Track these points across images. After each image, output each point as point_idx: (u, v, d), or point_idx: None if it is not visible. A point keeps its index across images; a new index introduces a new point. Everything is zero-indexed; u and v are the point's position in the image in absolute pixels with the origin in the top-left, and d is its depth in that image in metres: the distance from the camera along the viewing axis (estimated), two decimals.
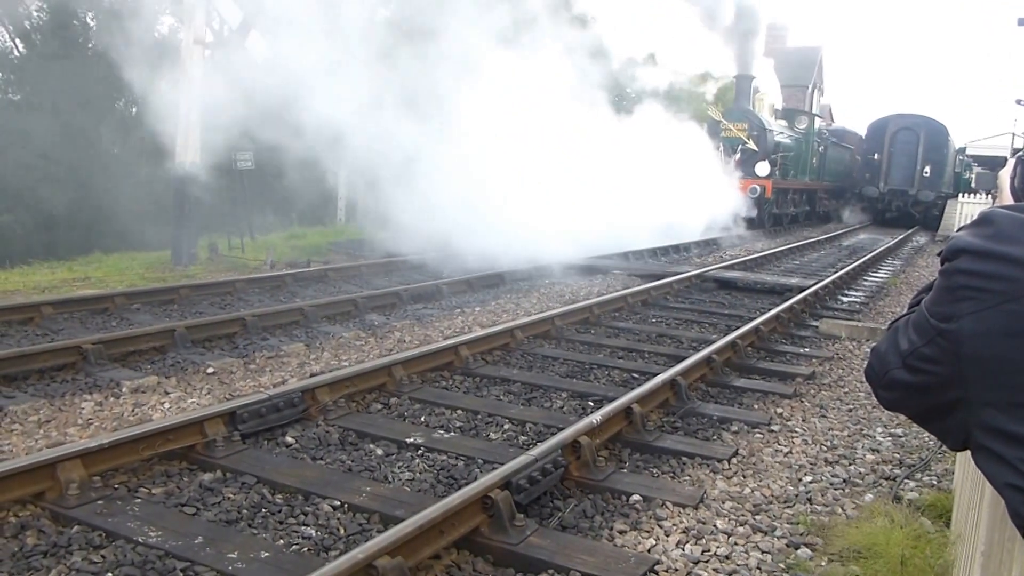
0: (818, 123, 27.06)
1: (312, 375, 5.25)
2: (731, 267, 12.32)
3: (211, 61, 11.55)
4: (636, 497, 3.79)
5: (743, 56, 21.91)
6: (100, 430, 4.24)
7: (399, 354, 5.46)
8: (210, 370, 5.45)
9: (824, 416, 5.34)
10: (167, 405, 4.71)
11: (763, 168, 20.78)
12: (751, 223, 20.11)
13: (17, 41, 20.26)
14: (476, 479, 3.75)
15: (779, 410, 5.36)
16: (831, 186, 29.13)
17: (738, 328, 7.27)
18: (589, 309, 7.82)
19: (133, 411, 4.60)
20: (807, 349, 7.24)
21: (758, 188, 20.20)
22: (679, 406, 5.15)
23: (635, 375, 5.95)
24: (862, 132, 32.52)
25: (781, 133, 23.21)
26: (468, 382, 5.52)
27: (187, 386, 5.13)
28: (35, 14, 20.22)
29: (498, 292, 9.23)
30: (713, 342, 6.72)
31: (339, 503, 3.55)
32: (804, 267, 14.04)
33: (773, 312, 8.05)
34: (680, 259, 14.03)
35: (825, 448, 4.71)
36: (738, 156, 20.84)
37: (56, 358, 5.23)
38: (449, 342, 5.84)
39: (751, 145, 20.99)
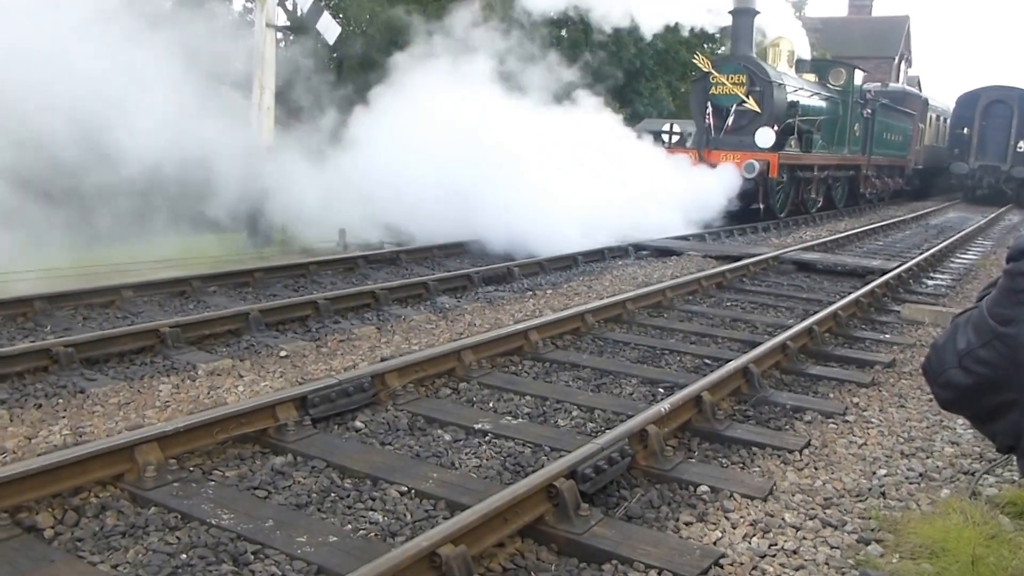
0: (861, 78, 20.37)
1: (382, 359, 5.32)
2: (810, 248, 11.96)
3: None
4: (704, 488, 3.73)
5: None
6: (177, 413, 4.39)
7: (469, 339, 5.49)
8: (283, 353, 5.58)
9: (903, 406, 5.14)
10: (241, 388, 4.84)
11: (766, 136, 15.12)
12: (746, 215, 14.78)
13: None
14: (542, 467, 3.75)
15: (855, 399, 5.19)
16: (883, 162, 22.83)
17: (815, 313, 7.06)
18: (662, 292, 7.71)
19: (208, 394, 4.75)
20: (887, 335, 6.98)
21: (756, 165, 14.47)
22: (751, 394, 5.03)
23: (707, 361, 5.84)
24: (950, 105, 30.05)
25: (801, 90, 17.19)
26: (537, 367, 5.51)
27: (260, 369, 5.27)
28: None
29: (570, 274, 9.19)
30: (789, 327, 6.54)
31: (406, 489, 3.59)
32: (888, 248, 13.54)
33: (853, 296, 7.78)
34: (758, 239, 13.69)
35: (902, 440, 4.54)
36: (730, 121, 15.62)
37: (135, 341, 5.44)
38: (519, 326, 5.84)
39: (751, 104, 15.51)
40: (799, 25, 20.86)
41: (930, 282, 10.13)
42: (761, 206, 15.01)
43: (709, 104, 15.86)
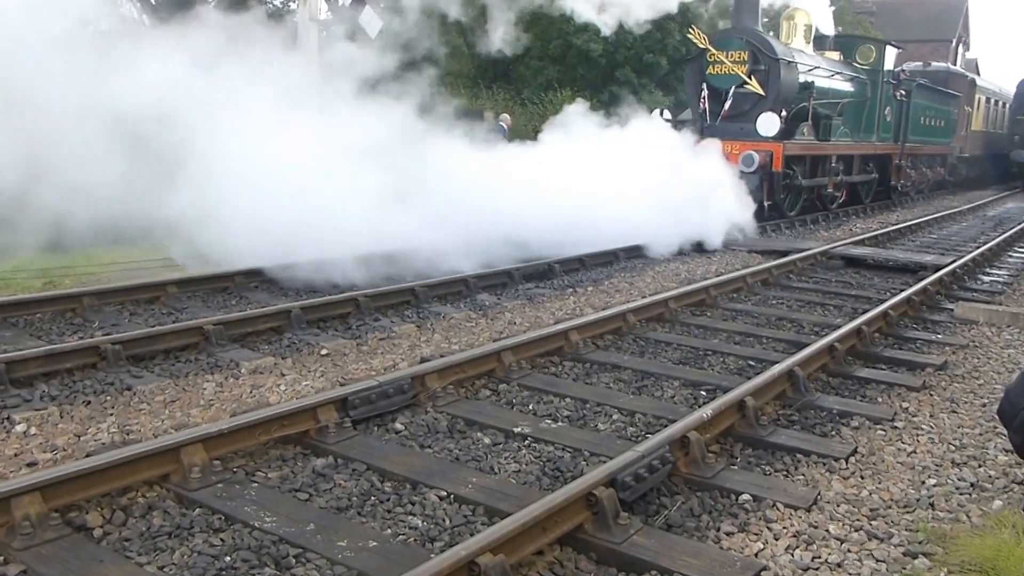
0: (893, 56, 17.83)
1: (422, 360, 5.34)
2: (860, 242, 11.71)
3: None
4: (746, 496, 3.67)
5: None
6: (220, 412, 4.46)
7: (508, 339, 5.47)
8: (324, 352, 5.64)
9: (954, 411, 4.99)
10: (283, 387, 4.90)
11: (769, 123, 12.95)
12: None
13: (144, 16, 21.53)
14: (582, 474, 3.73)
15: (905, 404, 5.06)
16: (921, 149, 20.37)
17: (865, 312, 6.91)
18: (705, 290, 7.61)
19: (251, 393, 4.82)
20: (940, 335, 6.80)
21: (755, 157, 12.38)
22: (796, 398, 4.94)
23: (751, 363, 5.75)
24: (1003, 86, 28.00)
25: (818, 69, 14.94)
26: (578, 368, 5.49)
27: (302, 368, 5.33)
28: None
29: (611, 271, 9.12)
30: (836, 327, 6.41)
31: (445, 493, 3.60)
32: (942, 241, 13.17)
33: (904, 295, 7.60)
34: (806, 233, 13.44)
35: (953, 448, 4.41)
36: (727, 105, 13.53)
37: (180, 338, 5.54)
38: (559, 327, 5.81)
39: (753, 86, 13.43)
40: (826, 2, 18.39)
41: (986, 278, 9.84)
42: (766, 204, 13.04)
43: (704, 86, 13.84)
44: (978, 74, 37.49)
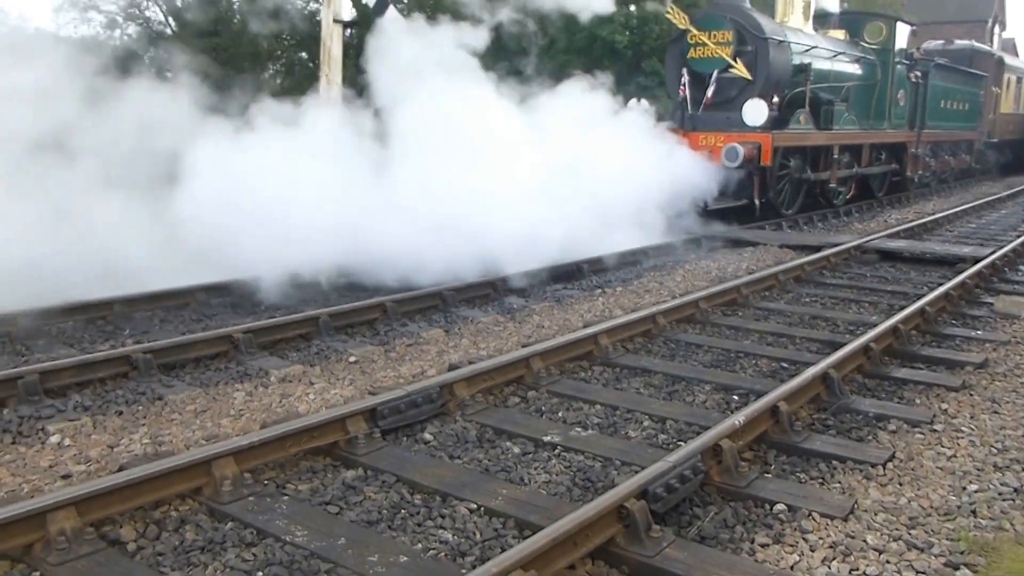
0: (906, 33, 16.05)
1: (450, 367, 5.32)
2: (896, 235, 11.49)
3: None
4: (780, 506, 3.60)
5: None
6: (250, 422, 4.47)
7: (537, 345, 5.43)
8: (352, 359, 5.64)
9: (996, 412, 4.87)
10: (311, 396, 4.91)
11: (755, 111, 11.69)
12: (744, 212, 12.22)
13: (170, 19, 21.88)
14: (613, 484, 3.69)
15: (944, 405, 4.94)
16: (941, 136, 18.66)
17: (901, 309, 6.77)
18: (736, 289, 7.50)
19: (280, 402, 4.83)
20: (979, 332, 6.64)
21: (739, 150, 11.09)
22: (831, 402, 4.85)
23: (784, 364, 5.66)
24: None
25: (816, 49, 13.42)
26: (607, 373, 5.43)
27: (330, 376, 5.33)
28: None
29: (640, 270, 9.03)
30: (872, 325, 6.30)
31: (475, 506, 3.57)
32: (981, 231, 12.88)
33: (942, 289, 7.43)
34: (840, 225, 13.21)
35: (995, 451, 4.30)
36: (710, 92, 12.20)
37: (210, 347, 5.58)
38: (588, 331, 5.76)
39: (739, 70, 12.04)
40: None
41: None
42: (757, 202, 11.93)
43: (685, 71, 12.50)
44: (1016, 54, 36.31)
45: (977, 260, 9.10)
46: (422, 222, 7.71)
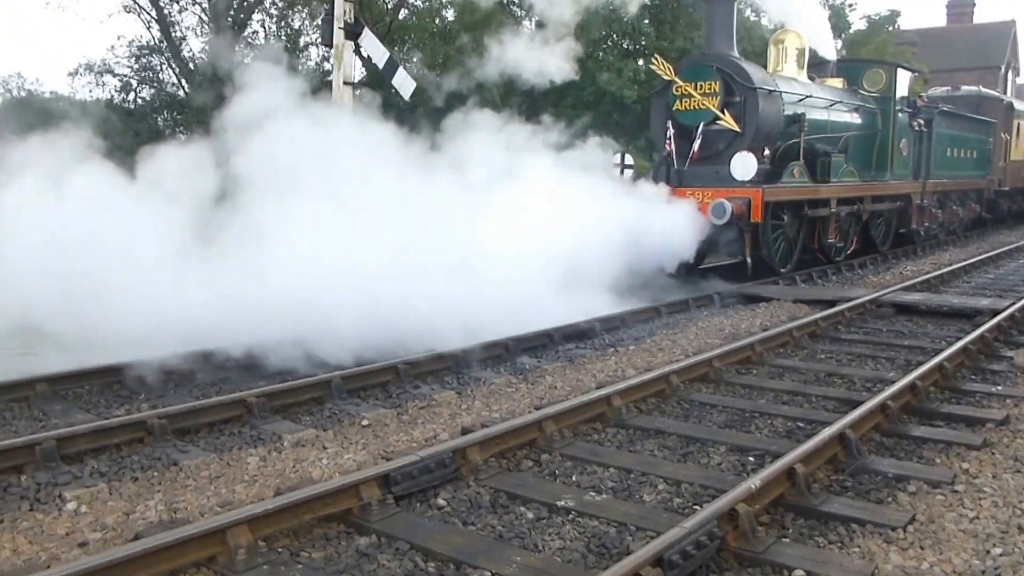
0: (907, 80, 15.60)
1: (463, 431, 5.30)
2: (911, 287, 11.43)
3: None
4: (799, 572, 3.54)
5: None
6: (264, 488, 4.46)
7: (550, 407, 5.41)
8: (365, 422, 5.64)
9: (1019, 471, 4.78)
10: (325, 461, 4.90)
11: (743, 165, 11.09)
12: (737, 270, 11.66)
13: (183, 81, 22.46)
14: (628, 550, 3.65)
15: (965, 464, 4.87)
16: (948, 186, 18.18)
17: (919, 365, 6.71)
18: (751, 347, 7.47)
19: (294, 467, 4.82)
20: (1000, 387, 6.56)
21: (726, 206, 10.53)
22: (849, 462, 4.78)
23: (800, 424, 5.61)
24: None
25: (810, 98, 12.92)
26: (621, 435, 5.40)
27: (343, 440, 5.33)
28: (198, 56, 22.37)
29: (653, 327, 9.01)
30: (889, 382, 6.25)
31: (490, 574, 3.53)
32: (999, 282, 12.78)
33: (960, 344, 7.37)
34: (854, 279, 13.17)
35: (1019, 512, 4.21)
36: (696, 145, 11.61)
37: (224, 411, 5.60)
38: (601, 392, 5.74)
39: (727, 121, 11.52)
40: (819, 15, 16.18)
41: None
42: (749, 260, 11.28)
43: (670, 124, 12.00)
44: None
45: (996, 313, 9.02)
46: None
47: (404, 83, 12.38)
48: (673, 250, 10.50)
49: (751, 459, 4.93)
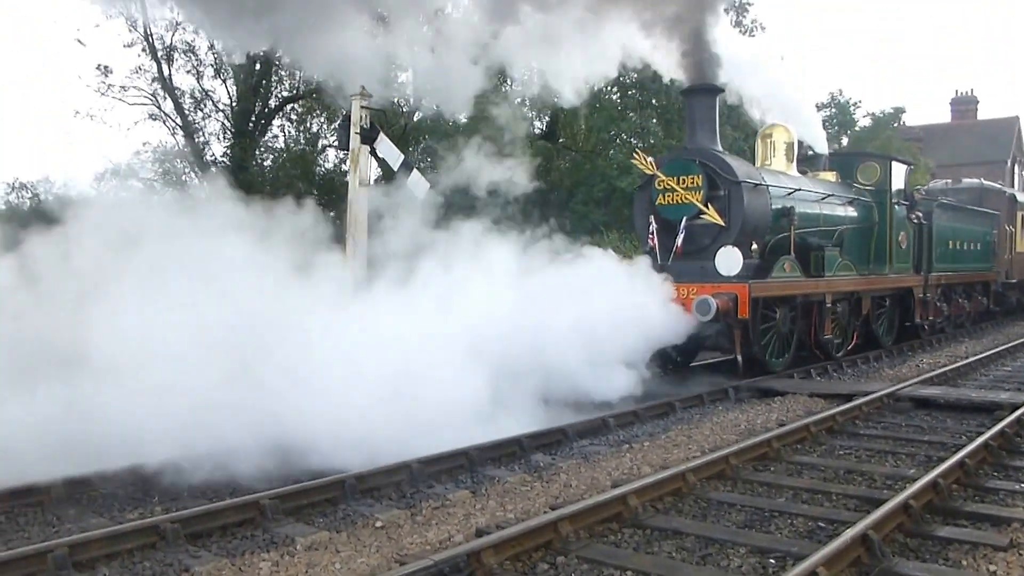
0: (903, 173, 15.57)
1: (477, 532, 5.22)
2: (929, 381, 11.31)
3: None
4: None
5: (696, 51, 11.64)
6: None
7: (565, 507, 5.34)
8: (378, 524, 5.55)
9: None
10: (338, 565, 4.81)
11: (729, 259, 10.76)
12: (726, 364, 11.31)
13: (205, 184, 23.16)
14: None
15: (992, 567, 4.73)
16: (953, 279, 17.85)
17: (940, 462, 6.61)
18: (767, 443, 7.37)
19: (307, 572, 4.74)
20: (1023, 484, 6.42)
21: (711, 303, 10.10)
22: (873, 565, 4.67)
23: (821, 524, 5.49)
24: None
25: (800, 191, 12.68)
26: (638, 535, 5.29)
27: (357, 542, 5.24)
28: (220, 159, 23.12)
29: (668, 422, 8.93)
30: (910, 480, 6.14)
31: None
32: (1017, 374, 12.60)
33: (981, 439, 7.26)
34: (870, 371, 13.04)
35: None
36: (679, 240, 11.31)
37: (237, 514, 5.54)
38: (617, 491, 5.66)
39: (711, 216, 11.25)
40: (810, 109, 16.14)
41: None
42: (739, 358, 10.81)
43: (652, 219, 11.68)
44: None
45: (1016, 407, 8.90)
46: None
47: (418, 184, 12.73)
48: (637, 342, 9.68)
49: (772, 561, 4.81)
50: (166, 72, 23.69)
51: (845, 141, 31.35)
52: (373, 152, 13.41)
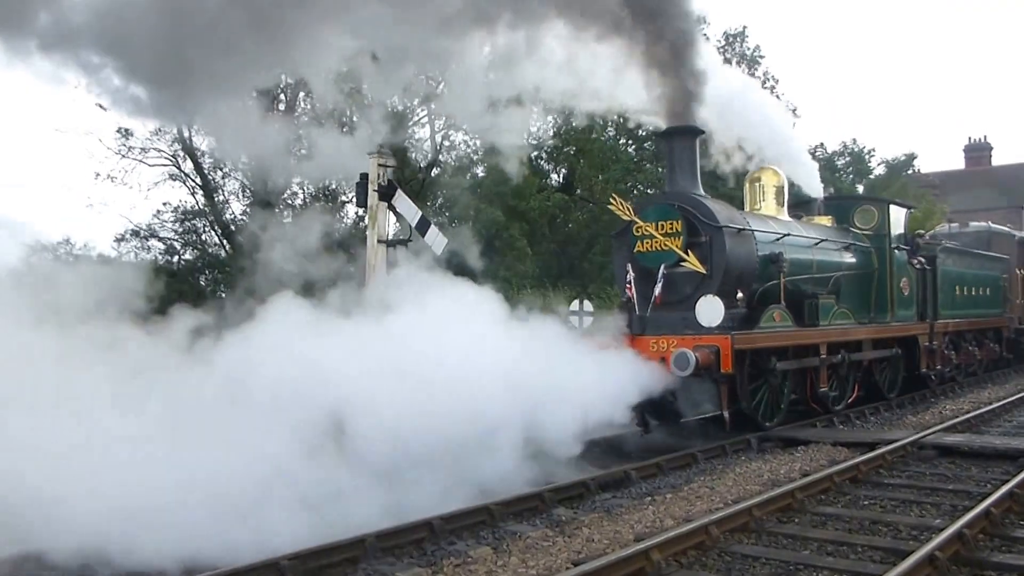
0: (902, 216, 15.11)
1: None
2: (952, 428, 11.19)
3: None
4: None
5: (676, 90, 10.93)
6: None
7: (586, 564, 5.30)
8: None
9: None
10: None
11: (710, 309, 10.04)
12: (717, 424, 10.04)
13: (225, 242, 23.45)
14: None
15: None
16: (963, 326, 17.12)
17: (965, 511, 6.54)
18: (791, 494, 7.31)
19: None
20: None
21: (690, 357, 9.36)
22: None
23: None
24: None
25: (789, 236, 12.11)
26: None
27: None
28: (239, 217, 23.49)
29: (690, 474, 8.87)
30: (936, 530, 6.07)
31: None
32: None
33: (1006, 488, 7.19)
34: (893, 419, 12.87)
35: None
36: (657, 290, 10.59)
37: (257, 574, 5.52)
38: (639, 546, 5.63)
39: (692, 263, 10.57)
40: (801, 151, 15.47)
41: None
42: (726, 415, 9.90)
43: (630, 267, 10.98)
44: None
45: None
46: None
47: (436, 240, 12.86)
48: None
49: None
50: (185, 133, 24.18)
51: (861, 189, 31.37)
52: (391, 208, 13.59)
